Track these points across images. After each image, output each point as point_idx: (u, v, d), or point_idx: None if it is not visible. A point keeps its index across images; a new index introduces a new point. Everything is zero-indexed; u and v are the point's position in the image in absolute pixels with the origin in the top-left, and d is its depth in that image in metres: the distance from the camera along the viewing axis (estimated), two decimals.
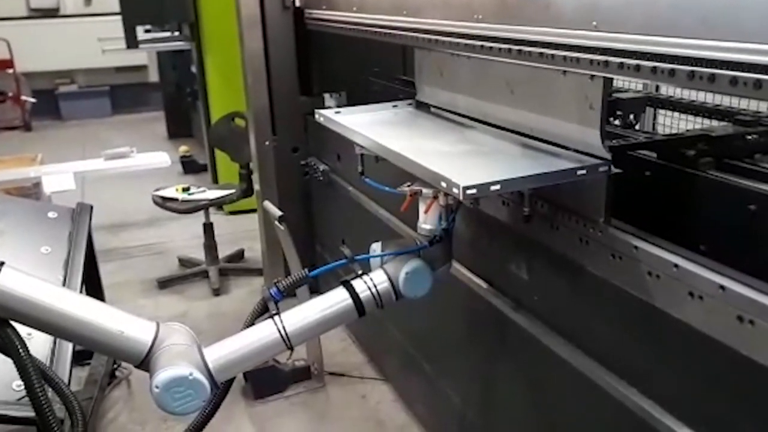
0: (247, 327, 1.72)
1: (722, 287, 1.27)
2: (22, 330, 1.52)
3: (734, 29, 1.13)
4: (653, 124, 3.16)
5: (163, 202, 4.18)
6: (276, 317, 1.68)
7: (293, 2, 3.48)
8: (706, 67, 1.19)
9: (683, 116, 2.75)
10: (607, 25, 1.41)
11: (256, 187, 3.74)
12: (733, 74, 1.14)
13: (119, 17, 5.39)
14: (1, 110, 9.07)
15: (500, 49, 1.78)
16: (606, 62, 1.43)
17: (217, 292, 4.15)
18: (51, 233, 2.73)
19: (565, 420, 1.86)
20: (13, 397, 1.96)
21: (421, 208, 1.83)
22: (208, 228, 4.31)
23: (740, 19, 1.12)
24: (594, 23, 1.44)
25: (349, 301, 1.75)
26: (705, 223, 1.66)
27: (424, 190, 1.79)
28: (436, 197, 1.78)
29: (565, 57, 1.54)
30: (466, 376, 2.40)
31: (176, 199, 4.17)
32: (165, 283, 4.28)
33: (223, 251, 4.49)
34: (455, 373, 2.48)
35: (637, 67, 1.35)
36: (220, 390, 1.74)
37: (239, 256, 4.66)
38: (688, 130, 2.12)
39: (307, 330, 1.71)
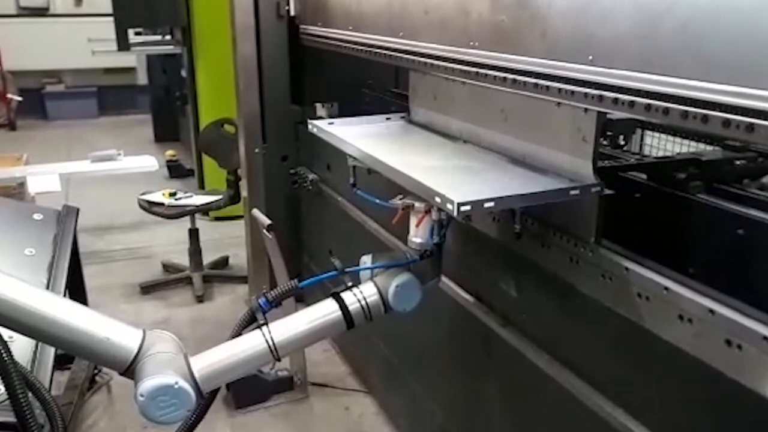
0: (234, 337, 1.71)
1: (711, 311, 1.28)
2: (4, 333, 1.50)
3: (729, 72, 1.15)
4: (641, 145, 3.18)
5: (150, 207, 4.15)
6: (264, 327, 1.67)
7: (288, 11, 3.49)
8: (700, 108, 1.21)
9: (671, 138, 2.78)
10: (602, 60, 1.43)
11: (244, 194, 3.72)
12: (726, 116, 1.16)
13: (109, 18, 5.37)
14: None
15: (495, 76, 1.80)
16: (600, 96, 1.45)
17: (200, 299, 4.12)
18: (36, 235, 2.70)
19: None
20: None
21: (413, 221, 1.84)
22: (193, 234, 4.28)
23: (735, 63, 1.14)
24: (590, 57, 1.46)
25: (338, 313, 1.74)
26: (694, 246, 1.68)
27: (416, 204, 1.79)
28: (428, 211, 1.78)
29: (559, 89, 1.56)
30: (450, 391, 2.39)
31: (163, 204, 4.14)
32: (148, 289, 4.24)
33: (208, 257, 4.46)
34: (440, 388, 2.47)
35: (632, 104, 1.37)
36: (205, 400, 1.72)
37: (224, 263, 4.63)
38: (678, 154, 2.15)
39: (295, 341, 1.70)
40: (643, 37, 1.32)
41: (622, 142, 2.61)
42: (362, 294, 1.77)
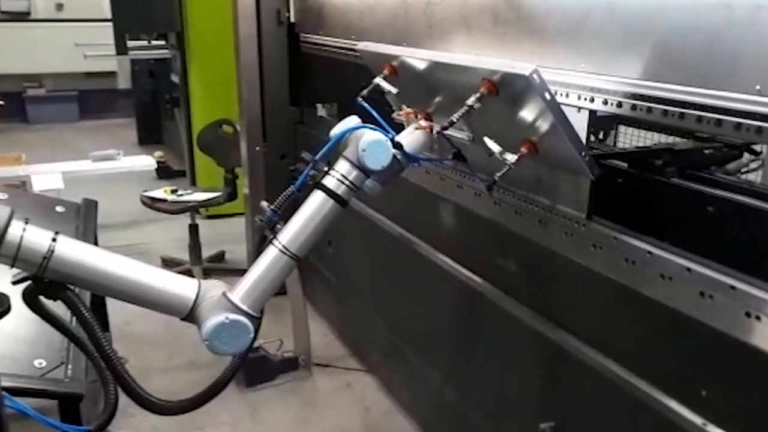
0: (256, 258, 1.78)
1: (688, 269, 1.54)
2: None
3: (700, 78, 1.44)
4: (615, 141, 3.47)
5: (152, 203, 4.34)
6: (275, 241, 1.75)
7: (288, 18, 3.71)
8: (677, 107, 1.50)
9: (644, 132, 3.07)
10: (593, 67, 1.73)
11: (246, 190, 3.93)
12: (698, 114, 1.46)
13: (91, 23, 5.52)
14: None
15: None
16: (592, 98, 1.73)
17: None
18: (59, 226, 2.85)
19: (548, 399, 2.12)
20: (36, 374, 2.10)
21: (410, 126, 1.97)
22: (193, 229, 4.47)
23: (705, 70, 1.44)
24: (583, 65, 1.75)
25: (328, 198, 1.80)
26: (671, 222, 1.95)
27: (422, 122, 1.94)
28: (429, 129, 1.93)
29: (556, 91, 1.81)
30: (450, 362, 2.62)
31: (165, 200, 4.32)
32: None
33: (205, 253, 4.64)
34: (439, 360, 2.70)
35: (620, 104, 1.66)
36: (226, 373, 1.87)
37: (220, 257, 4.82)
38: (655, 144, 2.43)
39: (306, 239, 1.76)
40: (628, 49, 1.61)
41: (601, 137, 2.90)
42: (338, 173, 1.81)
